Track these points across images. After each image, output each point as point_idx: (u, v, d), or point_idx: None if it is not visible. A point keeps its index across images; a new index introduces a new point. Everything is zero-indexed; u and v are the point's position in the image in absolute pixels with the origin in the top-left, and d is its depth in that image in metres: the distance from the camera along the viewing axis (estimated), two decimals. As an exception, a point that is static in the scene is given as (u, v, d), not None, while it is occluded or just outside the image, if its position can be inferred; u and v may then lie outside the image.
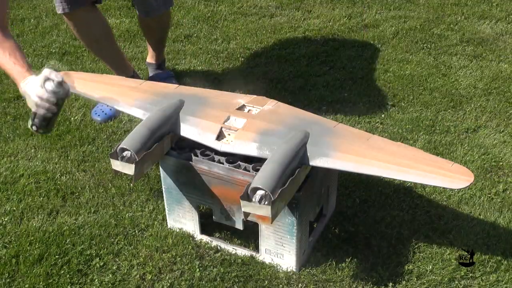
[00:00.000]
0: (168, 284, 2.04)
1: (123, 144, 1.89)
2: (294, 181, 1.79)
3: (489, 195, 2.45)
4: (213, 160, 2.01)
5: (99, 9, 3.00)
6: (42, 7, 4.63)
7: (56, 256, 2.16)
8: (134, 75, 3.13)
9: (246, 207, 1.73)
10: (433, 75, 3.47)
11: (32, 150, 2.81)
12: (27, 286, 2.04)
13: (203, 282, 2.05)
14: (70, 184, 2.57)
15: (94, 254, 2.17)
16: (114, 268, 2.12)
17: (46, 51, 3.87)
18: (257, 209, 1.71)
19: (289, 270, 2.09)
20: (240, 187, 1.92)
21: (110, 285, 2.05)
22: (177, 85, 2.30)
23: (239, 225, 2.10)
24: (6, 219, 2.36)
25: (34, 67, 3.62)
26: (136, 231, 2.29)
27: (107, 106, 2.99)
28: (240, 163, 1.98)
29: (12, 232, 2.29)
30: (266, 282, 2.05)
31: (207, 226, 2.26)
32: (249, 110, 2.11)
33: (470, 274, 2.07)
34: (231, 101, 2.15)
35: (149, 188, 2.52)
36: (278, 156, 1.80)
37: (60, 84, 1.92)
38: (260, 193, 1.72)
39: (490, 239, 2.22)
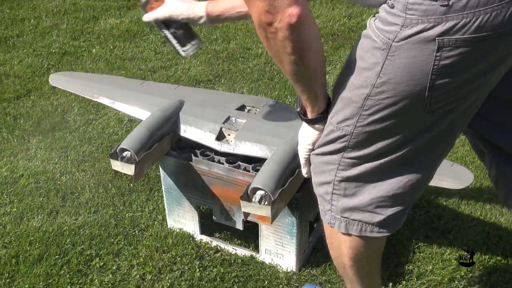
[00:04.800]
0: (168, 284, 2.04)
1: (123, 145, 1.89)
2: (294, 181, 1.79)
3: (489, 195, 2.45)
4: (213, 160, 2.01)
5: None
6: (42, 7, 4.63)
7: (56, 256, 2.16)
8: None
9: (246, 207, 1.72)
10: (433, 75, 3.47)
11: (32, 150, 2.81)
12: (27, 286, 2.04)
13: (203, 282, 2.05)
14: (70, 184, 2.57)
15: (94, 254, 2.17)
16: (114, 268, 2.12)
17: (46, 51, 3.87)
18: (257, 210, 1.71)
19: (289, 270, 2.09)
20: (240, 187, 1.92)
21: (110, 285, 2.05)
22: (177, 85, 2.30)
23: (239, 225, 2.10)
24: (6, 219, 2.37)
25: (34, 67, 3.65)
26: (136, 231, 2.29)
27: None
28: (240, 163, 1.98)
29: (12, 232, 2.29)
30: (266, 282, 2.05)
31: (207, 226, 2.26)
32: (249, 110, 2.11)
33: (470, 274, 2.07)
34: (231, 101, 2.15)
35: (149, 188, 2.52)
36: (278, 156, 1.80)
37: None
38: (260, 193, 1.71)
39: (490, 239, 2.22)
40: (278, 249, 2.07)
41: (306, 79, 1.28)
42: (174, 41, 1.78)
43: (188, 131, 2.04)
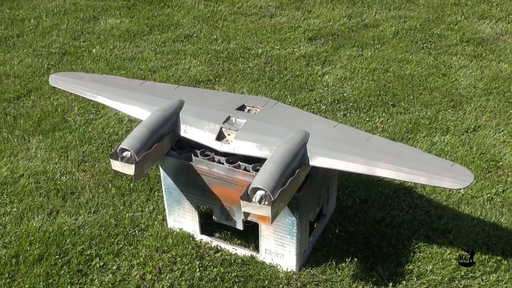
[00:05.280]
0: (168, 284, 2.04)
1: (123, 145, 1.89)
2: (294, 181, 1.79)
3: (489, 195, 2.45)
4: (213, 160, 2.01)
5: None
6: (42, 7, 4.63)
7: (56, 256, 2.16)
8: None
9: (246, 207, 1.72)
10: (433, 75, 3.47)
11: (32, 150, 2.81)
12: (27, 286, 2.04)
13: (203, 282, 2.05)
14: (70, 184, 2.57)
15: (94, 254, 2.17)
16: (114, 268, 2.12)
17: (46, 51, 3.87)
18: (257, 209, 1.71)
19: (289, 270, 2.09)
20: (240, 187, 1.92)
21: (110, 285, 2.05)
22: (177, 85, 2.30)
23: (239, 225, 2.10)
24: (6, 219, 2.36)
25: (34, 67, 3.65)
26: (136, 231, 2.29)
27: None
28: (240, 163, 1.98)
29: (12, 232, 2.29)
30: (266, 282, 2.05)
31: (207, 226, 2.26)
32: (249, 110, 2.11)
33: (470, 274, 2.07)
34: (231, 101, 2.15)
35: (149, 188, 2.52)
36: (278, 156, 1.80)
37: None
38: (260, 193, 1.71)
39: (490, 239, 2.22)
40: (278, 249, 2.07)
41: None
42: None
43: (188, 131, 2.04)
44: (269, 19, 4.36)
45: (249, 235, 2.20)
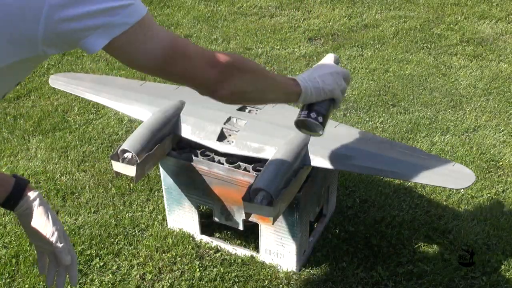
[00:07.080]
0: (168, 284, 2.04)
1: (124, 146, 1.89)
2: (296, 181, 1.79)
3: (489, 195, 2.45)
4: (213, 161, 2.01)
5: None
6: (41, 7, 4.64)
7: (57, 256, 2.16)
8: None
9: (247, 208, 1.72)
10: (433, 75, 3.48)
11: (32, 150, 2.81)
12: (27, 286, 2.04)
13: (203, 282, 2.05)
14: (70, 184, 2.57)
15: (94, 254, 2.17)
16: (114, 268, 2.12)
17: (46, 51, 3.87)
18: (259, 210, 1.71)
19: (289, 270, 2.09)
20: (240, 187, 1.92)
21: (110, 285, 2.05)
22: (177, 86, 2.30)
23: (240, 226, 2.10)
24: (6, 219, 2.36)
25: (34, 70, 3.64)
26: (136, 231, 2.29)
27: None
28: (240, 163, 1.98)
29: (12, 232, 2.29)
30: (266, 282, 2.05)
31: (207, 226, 2.26)
32: (249, 110, 2.11)
33: (470, 274, 2.07)
34: (232, 101, 2.15)
35: (149, 188, 2.52)
36: (280, 157, 1.80)
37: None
38: (262, 194, 1.71)
39: (490, 239, 2.23)
40: (278, 249, 2.07)
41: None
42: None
43: (189, 132, 2.04)
44: (269, 19, 4.36)
45: (249, 235, 2.20)
